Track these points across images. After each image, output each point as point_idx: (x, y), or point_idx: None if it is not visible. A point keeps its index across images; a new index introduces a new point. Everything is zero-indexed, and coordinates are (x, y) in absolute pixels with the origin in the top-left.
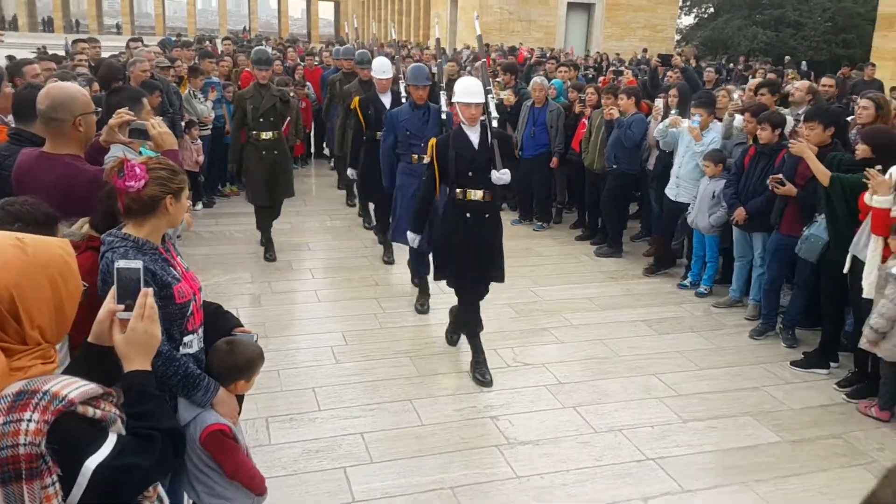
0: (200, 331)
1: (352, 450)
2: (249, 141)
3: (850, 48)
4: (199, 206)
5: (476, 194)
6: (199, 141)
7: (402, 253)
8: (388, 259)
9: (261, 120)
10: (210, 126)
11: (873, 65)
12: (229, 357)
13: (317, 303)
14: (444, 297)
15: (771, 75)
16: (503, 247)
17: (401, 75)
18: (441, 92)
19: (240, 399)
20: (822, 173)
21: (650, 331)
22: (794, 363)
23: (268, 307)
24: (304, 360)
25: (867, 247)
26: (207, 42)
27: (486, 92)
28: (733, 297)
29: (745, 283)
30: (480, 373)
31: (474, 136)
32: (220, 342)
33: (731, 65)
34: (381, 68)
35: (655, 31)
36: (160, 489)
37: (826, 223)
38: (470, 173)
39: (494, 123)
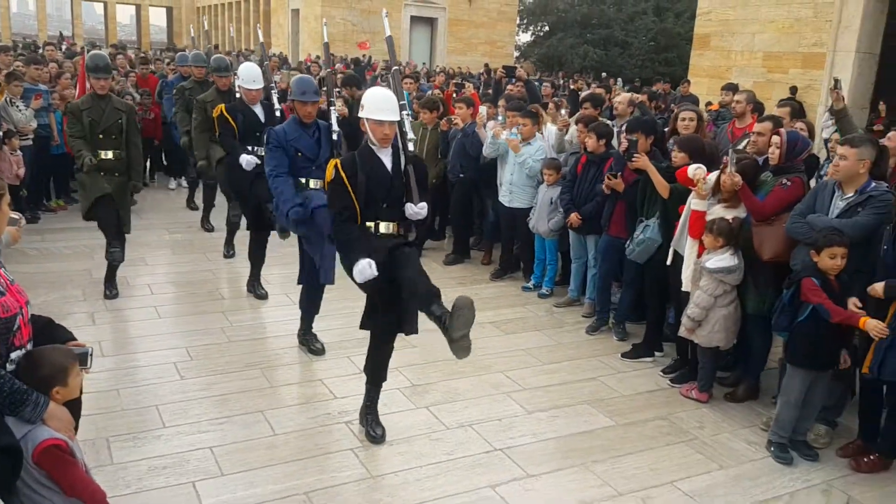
0: (30, 346)
1: (200, 464)
2: (79, 167)
3: (672, 66)
4: (23, 221)
5: (388, 227)
6: (18, 152)
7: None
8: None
9: (100, 137)
10: (31, 136)
11: (688, 81)
12: (30, 370)
13: (157, 319)
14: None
15: (599, 90)
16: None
17: (272, 85)
18: (332, 108)
19: (76, 412)
20: (663, 186)
21: (498, 331)
22: (624, 354)
23: (103, 325)
24: (146, 377)
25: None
26: (37, 48)
27: (401, 108)
28: (572, 297)
29: (582, 282)
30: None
31: (386, 158)
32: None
33: (564, 81)
34: (251, 76)
35: (495, 47)
36: None
37: (659, 229)
38: (384, 204)
39: (410, 146)
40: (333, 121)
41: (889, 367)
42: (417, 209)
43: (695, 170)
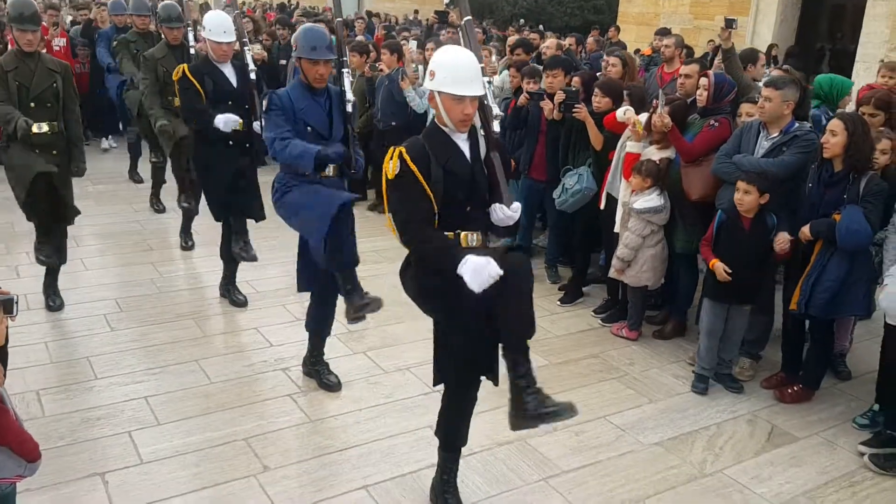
0: None
1: (136, 414)
2: (12, 136)
3: (601, 14)
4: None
5: (473, 239)
6: None
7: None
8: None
9: (32, 105)
10: None
11: (617, 28)
12: None
13: (84, 271)
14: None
15: (533, 35)
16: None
17: (245, 40)
18: (344, 71)
19: (3, 354)
20: (597, 139)
21: None
22: (561, 301)
23: (28, 279)
24: (75, 329)
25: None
26: None
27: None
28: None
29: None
30: None
31: (464, 145)
32: None
33: (494, 29)
34: (221, 27)
35: None
36: None
37: (592, 176)
38: (468, 206)
39: (496, 127)
40: (347, 86)
41: (815, 303)
42: (511, 212)
43: (623, 113)
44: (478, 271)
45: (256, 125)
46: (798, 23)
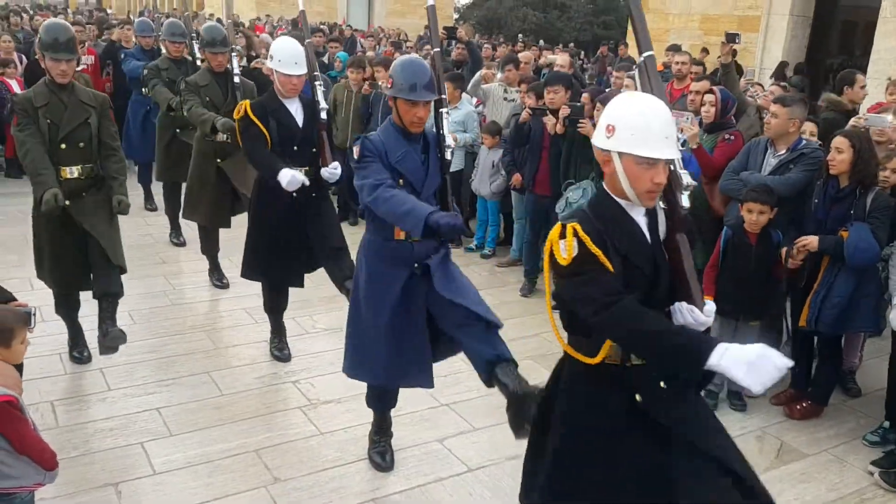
0: None
1: (148, 425)
2: (39, 203)
3: (610, 29)
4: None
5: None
6: None
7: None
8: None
9: (63, 147)
10: None
11: (627, 44)
12: None
13: None
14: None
15: (530, 53)
16: None
17: (316, 73)
18: (443, 111)
19: (19, 369)
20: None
21: None
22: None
23: (42, 290)
24: (88, 341)
25: None
26: None
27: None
28: (513, 257)
29: (523, 242)
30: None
31: (642, 222)
32: None
33: (509, 44)
34: (292, 57)
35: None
36: None
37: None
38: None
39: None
40: (446, 129)
41: (824, 319)
42: (703, 318)
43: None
44: (755, 365)
45: (325, 172)
46: (808, 39)
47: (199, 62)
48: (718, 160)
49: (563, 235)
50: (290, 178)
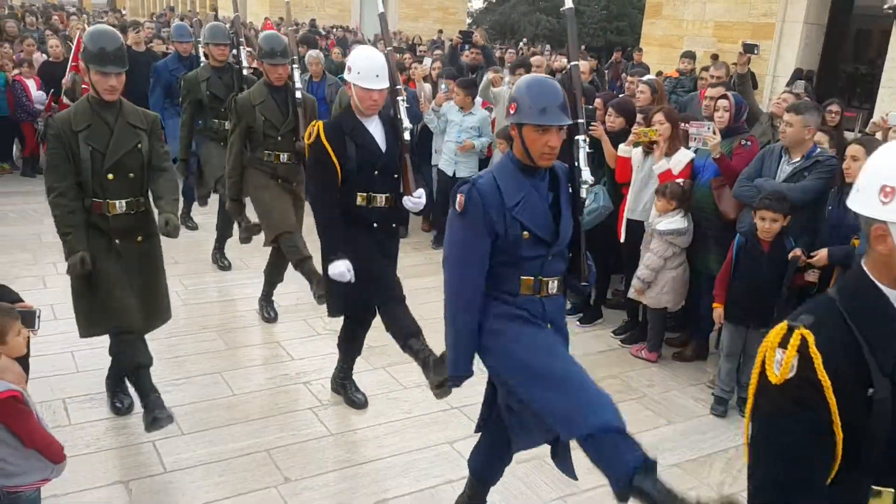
0: None
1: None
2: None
3: (623, 35)
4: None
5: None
6: None
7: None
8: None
9: (109, 177)
10: None
11: (641, 50)
12: None
13: None
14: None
15: (542, 58)
16: None
17: (399, 87)
18: (579, 139)
19: (25, 364)
20: (612, 156)
21: None
22: (580, 322)
23: (55, 289)
24: (100, 340)
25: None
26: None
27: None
28: None
29: None
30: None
31: None
32: None
33: (523, 47)
34: (373, 70)
35: (448, 14)
36: None
37: (609, 195)
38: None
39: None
40: (583, 161)
41: None
42: None
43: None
44: None
45: (408, 203)
46: (823, 47)
47: (245, 71)
48: (739, 166)
49: (783, 343)
50: (340, 272)
